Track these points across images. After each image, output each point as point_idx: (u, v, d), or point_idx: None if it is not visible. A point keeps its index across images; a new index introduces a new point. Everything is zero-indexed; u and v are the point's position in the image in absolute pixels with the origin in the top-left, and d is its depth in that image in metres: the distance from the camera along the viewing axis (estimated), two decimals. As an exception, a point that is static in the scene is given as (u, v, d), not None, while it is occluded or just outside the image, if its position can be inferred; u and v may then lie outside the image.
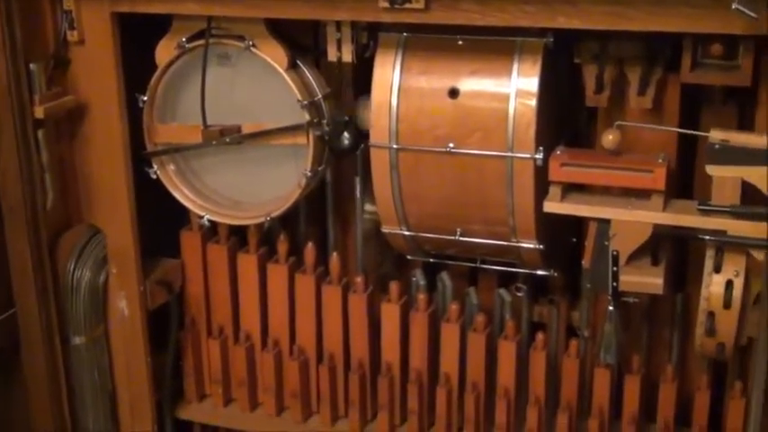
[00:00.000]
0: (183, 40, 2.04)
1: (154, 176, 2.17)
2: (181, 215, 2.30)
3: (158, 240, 2.29)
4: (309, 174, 2.06)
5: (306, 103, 2.01)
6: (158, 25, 2.07)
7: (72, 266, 2.20)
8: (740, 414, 2.01)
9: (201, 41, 2.03)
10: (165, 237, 2.32)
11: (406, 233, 2.06)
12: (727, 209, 1.79)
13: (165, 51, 2.08)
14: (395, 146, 1.95)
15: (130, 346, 2.27)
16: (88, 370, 2.27)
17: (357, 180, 2.21)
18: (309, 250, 2.23)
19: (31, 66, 2.01)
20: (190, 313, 2.37)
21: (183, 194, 2.20)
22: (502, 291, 2.20)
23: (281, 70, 2.00)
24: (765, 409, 1.75)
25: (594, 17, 1.71)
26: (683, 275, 2.09)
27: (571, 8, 1.72)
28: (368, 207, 2.22)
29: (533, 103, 1.86)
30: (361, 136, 2.03)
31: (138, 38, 2.09)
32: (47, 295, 2.15)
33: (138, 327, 2.25)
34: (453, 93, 1.91)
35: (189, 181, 2.21)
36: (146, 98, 2.10)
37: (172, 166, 2.19)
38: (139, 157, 2.16)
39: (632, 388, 2.08)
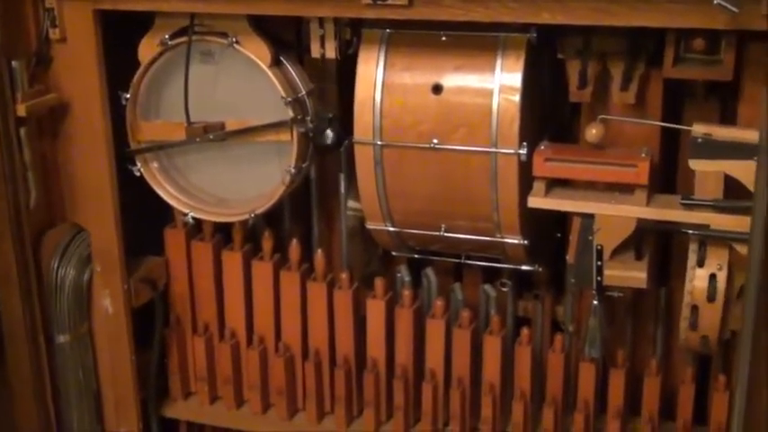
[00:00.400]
0: (166, 37, 2.03)
1: (137, 174, 2.17)
2: (165, 213, 2.29)
3: (142, 238, 2.28)
4: (293, 170, 2.06)
5: (289, 99, 2.01)
6: (141, 22, 2.06)
7: (56, 265, 2.19)
8: (724, 407, 2.02)
9: (184, 38, 2.03)
10: (149, 234, 2.32)
11: (391, 229, 2.06)
12: (710, 203, 1.80)
13: (147, 49, 2.07)
14: (379, 142, 1.95)
15: (115, 344, 2.27)
16: (73, 368, 2.26)
17: (341, 176, 2.20)
18: (294, 247, 2.23)
19: (13, 63, 2.00)
20: (174, 311, 2.37)
21: (166, 192, 2.19)
22: (487, 286, 2.20)
23: (264, 67, 2.00)
24: (749, 401, 1.76)
25: (578, 12, 1.72)
26: (667, 269, 2.10)
27: (555, 4, 1.72)
28: (352, 203, 2.21)
29: (517, 98, 1.86)
30: (346, 132, 2.03)
31: (120, 35, 2.08)
32: (31, 294, 2.14)
33: (123, 325, 2.24)
34: (437, 89, 1.91)
35: (173, 178, 2.20)
36: (128, 96, 2.09)
37: (155, 164, 2.18)
38: (123, 155, 2.15)
39: (617, 382, 2.09)
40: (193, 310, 2.36)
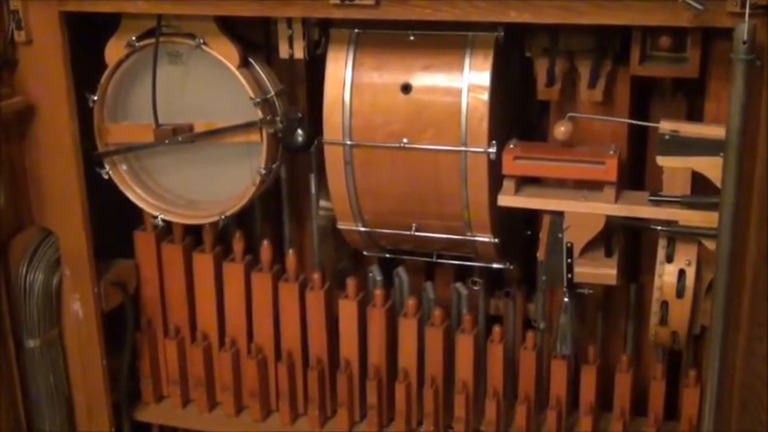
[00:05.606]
0: (133, 38, 2.02)
1: (106, 177, 2.15)
2: (134, 215, 2.28)
3: (112, 241, 2.27)
4: (263, 171, 2.05)
5: (258, 100, 2.00)
6: (107, 24, 2.05)
7: (24, 269, 2.17)
8: (695, 402, 2.03)
9: (151, 40, 2.01)
10: (119, 237, 2.30)
11: (362, 229, 2.06)
12: (678, 199, 1.81)
13: (114, 50, 2.06)
14: (349, 142, 1.95)
15: (85, 348, 2.25)
16: (43, 373, 2.24)
17: (312, 177, 2.20)
18: (265, 248, 2.22)
19: (-22, 67, 1.99)
20: (145, 314, 2.35)
21: (135, 194, 2.18)
22: (458, 285, 2.21)
23: (232, 68, 1.99)
24: (719, 396, 1.77)
25: (545, 11, 1.72)
26: (637, 266, 2.11)
27: (522, 2, 1.73)
28: (323, 203, 2.21)
29: (486, 97, 1.87)
30: (315, 132, 2.02)
31: (86, 37, 2.06)
32: (-1, 299, 2.13)
33: (93, 329, 2.22)
34: (406, 88, 1.91)
35: (142, 180, 2.19)
36: (95, 98, 2.08)
37: (124, 166, 2.17)
38: (91, 158, 2.14)
39: (588, 378, 2.10)
40: (164, 313, 2.35)
